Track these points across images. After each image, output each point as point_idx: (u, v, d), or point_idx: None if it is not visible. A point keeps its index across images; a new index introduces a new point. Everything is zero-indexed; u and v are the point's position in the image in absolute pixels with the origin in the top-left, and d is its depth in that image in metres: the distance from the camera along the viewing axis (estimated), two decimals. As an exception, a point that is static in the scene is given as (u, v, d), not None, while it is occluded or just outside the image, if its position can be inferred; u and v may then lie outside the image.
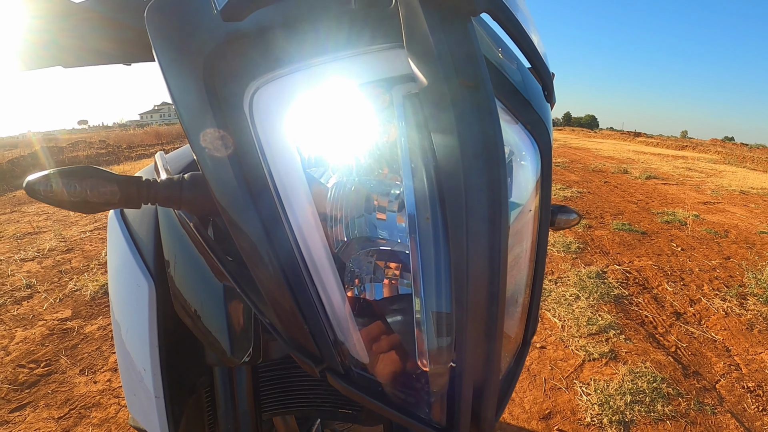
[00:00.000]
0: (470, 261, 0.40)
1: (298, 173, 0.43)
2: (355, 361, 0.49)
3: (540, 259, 0.57)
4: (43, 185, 0.43)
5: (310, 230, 0.44)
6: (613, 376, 2.22)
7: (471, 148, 0.38)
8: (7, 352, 2.45)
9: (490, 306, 0.42)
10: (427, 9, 0.39)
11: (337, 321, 0.47)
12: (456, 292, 0.41)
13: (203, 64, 0.42)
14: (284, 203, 0.43)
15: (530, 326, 0.59)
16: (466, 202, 0.38)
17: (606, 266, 3.68)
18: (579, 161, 10.46)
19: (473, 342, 0.42)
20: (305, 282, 0.45)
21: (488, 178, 0.39)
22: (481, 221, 0.39)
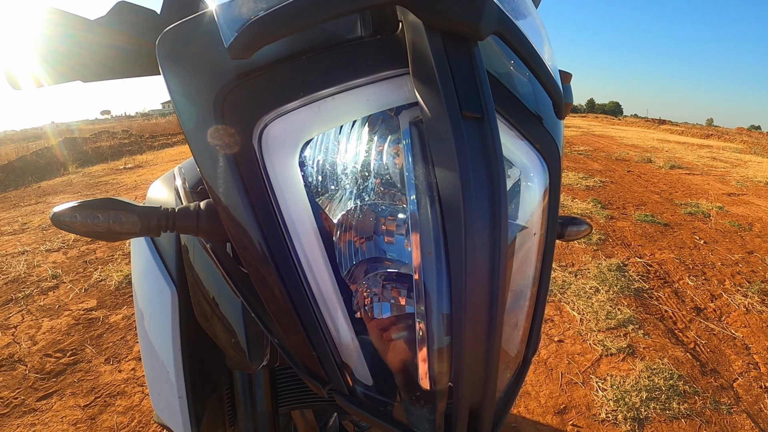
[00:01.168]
0: (468, 293, 0.41)
1: (304, 207, 0.44)
2: (359, 382, 0.51)
3: (544, 278, 0.57)
4: (68, 217, 0.45)
5: (316, 260, 0.45)
6: (630, 372, 2.21)
7: (473, 183, 0.39)
8: (34, 342, 2.52)
9: (488, 333, 0.43)
10: (431, 34, 0.39)
11: (341, 345, 0.49)
12: (455, 321, 0.42)
13: (213, 101, 0.43)
14: (291, 234, 0.44)
15: (531, 345, 0.59)
16: (465, 239, 0.39)
17: (627, 259, 3.64)
18: (602, 149, 10.29)
19: (470, 364, 0.44)
20: (311, 308, 0.46)
21: (490, 214, 0.39)
22: (481, 259, 0.40)
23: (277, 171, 0.43)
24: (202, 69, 0.45)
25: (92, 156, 9.70)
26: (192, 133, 0.45)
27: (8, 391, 2.12)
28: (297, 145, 0.44)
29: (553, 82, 0.48)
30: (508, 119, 0.49)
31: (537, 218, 0.54)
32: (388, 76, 0.44)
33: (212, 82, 0.43)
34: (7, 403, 2.05)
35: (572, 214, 4.78)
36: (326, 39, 0.45)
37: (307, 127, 0.44)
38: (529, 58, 0.45)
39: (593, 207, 5.08)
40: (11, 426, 1.91)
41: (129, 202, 0.48)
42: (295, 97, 0.43)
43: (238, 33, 0.37)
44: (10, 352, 2.42)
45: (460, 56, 0.40)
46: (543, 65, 0.46)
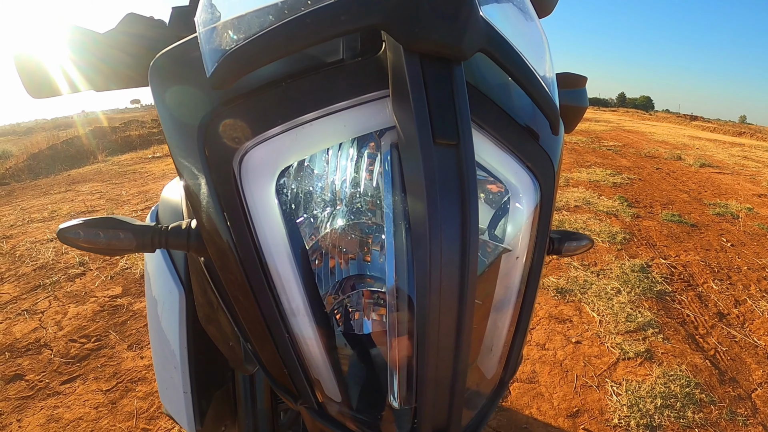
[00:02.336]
0: (430, 322, 0.41)
1: (278, 230, 0.45)
2: (329, 398, 0.52)
3: (528, 300, 0.56)
4: (72, 234, 0.48)
5: (288, 280, 0.47)
6: (647, 377, 2.17)
7: (441, 212, 0.39)
8: (60, 327, 2.60)
9: (454, 358, 0.44)
10: (409, 57, 0.39)
11: (312, 361, 0.50)
12: (419, 345, 0.43)
13: (197, 128, 0.44)
14: (265, 256, 0.45)
15: (510, 367, 0.59)
16: (430, 268, 0.40)
17: (651, 259, 3.58)
18: (631, 145, 10.08)
19: (434, 387, 0.45)
20: (282, 326, 0.48)
21: (460, 243, 0.40)
22: (448, 287, 0.41)
23: (255, 196, 0.44)
24: (188, 97, 0.46)
25: (121, 145, 9.90)
26: (177, 158, 0.47)
27: (34, 374, 2.20)
28: (274, 172, 0.44)
29: (547, 99, 0.47)
30: (497, 136, 0.49)
31: (522, 240, 0.53)
32: (368, 99, 0.44)
33: (197, 110, 0.45)
34: (32, 385, 2.12)
35: (598, 211, 4.72)
36: (307, 63, 0.45)
37: (284, 154, 0.44)
38: (521, 75, 0.44)
39: (619, 205, 4.99)
40: (35, 408, 1.99)
41: (126, 221, 0.50)
42: (275, 124, 0.43)
43: (218, 64, 0.38)
44: (36, 337, 2.50)
45: (438, 79, 0.39)
46: (536, 82, 0.45)
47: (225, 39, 0.40)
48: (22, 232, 4.33)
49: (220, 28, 0.41)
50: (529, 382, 2.14)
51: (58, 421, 1.91)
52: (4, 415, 1.95)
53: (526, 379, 2.16)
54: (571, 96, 0.76)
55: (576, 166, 7.25)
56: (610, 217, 4.60)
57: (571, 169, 6.99)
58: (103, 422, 1.90)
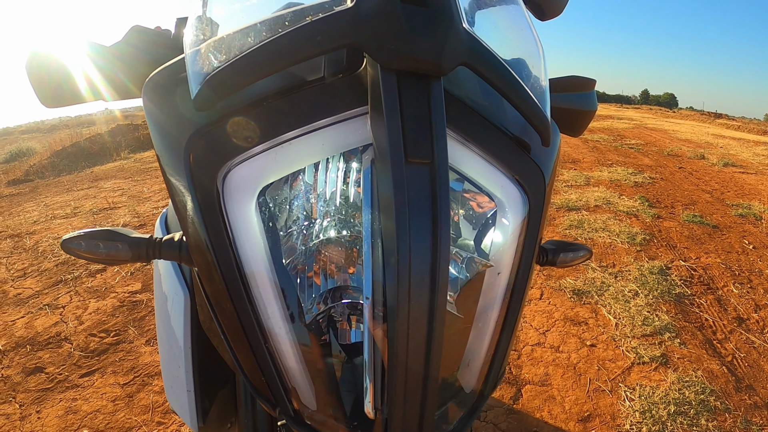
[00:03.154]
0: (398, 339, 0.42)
1: (258, 246, 0.47)
2: (305, 406, 0.54)
3: (511, 315, 0.56)
4: (74, 245, 0.51)
5: (267, 293, 0.48)
6: (661, 382, 2.14)
7: (411, 232, 0.39)
8: (80, 322, 2.66)
9: (425, 372, 0.45)
10: (385, 74, 0.39)
11: (288, 370, 0.52)
12: (389, 359, 0.44)
13: (184, 147, 0.45)
14: (245, 270, 0.47)
15: (490, 380, 0.59)
16: (398, 289, 0.40)
17: (671, 261, 3.51)
18: (654, 143, 9.89)
19: (403, 398, 0.46)
20: (260, 336, 0.50)
21: (430, 262, 0.40)
22: (417, 305, 0.41)
23: (236, 213, 0.45)
24: (176, 116, 0.48)
25: (144, 142, 10.02)
26: (165, 174, 0.48)
27: (54, 367, 2.26)
28: (255, 190, 0.45)
29: (535, 111, 0.46)
30: (483, 150, 0.49)
31: (506, 255, 0.53)
32: (348, 116, 0.45)
33: (184, 129, 0.46)
34: (52, 378, 2.18)
35: (618, 211, 4.65)
36: (290, 82, 0.46)
37: (265, 173, 0.45)
38: (506, 87, 0.43)
39: (640, 205, 4.91)
40: (54, 400, 2.04)
41: (124, 233, 0.53)
42: (256, 143, 0.44)
43: (200, 87, 0.39)
44: (57, 331, 2.57)
45: (415, 96, 0.40)
46: (522, 93, 0.45)
47: (207, 61, 0.41)
48: (45, 228, 4.43)
49: (203, 50, 0.43)
50: (541, 385, 2.12)
51: (76, 413, 1.95)
52: (25, 406, 2.01)
53: (538, 381, 2.14)
54: (579, 99, 0.75)
55: (597, 164, 7.15)
56: (631, 217, 4.53)
57: (593, 167, 6.89)
58: (120, 415, 1.94)
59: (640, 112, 26.34)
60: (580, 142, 9.65)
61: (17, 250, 3.83)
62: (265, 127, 0.45)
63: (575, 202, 4.94)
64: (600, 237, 3.95)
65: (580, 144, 9.31)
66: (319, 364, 0.54)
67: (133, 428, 1.87)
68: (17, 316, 2.75)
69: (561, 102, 0.73)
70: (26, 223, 4.59)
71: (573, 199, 5.02)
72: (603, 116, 17.46)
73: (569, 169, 6.72)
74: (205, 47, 0.43)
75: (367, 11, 0.36)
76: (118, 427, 1.88)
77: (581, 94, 0.75)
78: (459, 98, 0.49)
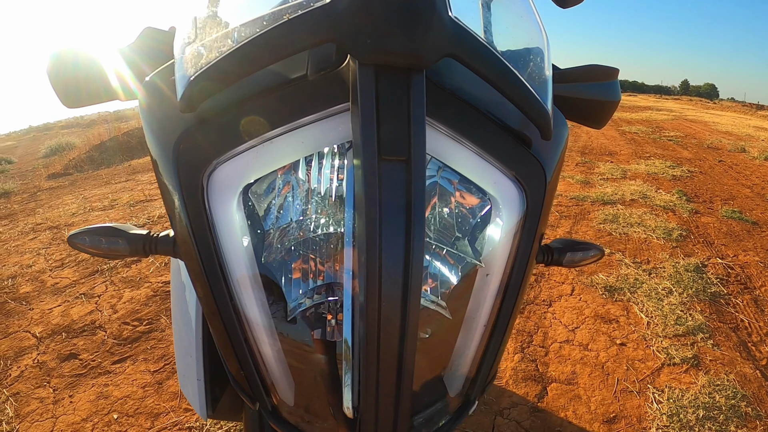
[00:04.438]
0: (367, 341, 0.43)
1: (239, 245, 0.48)
2: (283, 402, 0.55)
3: (502, 317, 0.55)
4: (79, 240, 0.54)
5: (246, 289, 0.49)
6: (691, 385, 2.07)
7: (383, 230, 0.39)
8: (114, 310, 2.74)
9: (398, 373, 0.44)
10: (363, 70, 0.38)
11: (268, 366, 0.53)
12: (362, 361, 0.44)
13: (172, 147, 0.46)
14: (228, 266, 0.48)
15: (477, 385, 0.58)
16: (367, 287, 0.40)
17: (707, 259, 3.39)
18: (693, 136, 9.56)
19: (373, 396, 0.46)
20: (239, 332, 0.51)
21: (404, 262, 0.39)
22: (389, 305, 0.41)
23: (220, 211, 0.46)
24: (166, 118, 0.49)
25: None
26: (157, 174, 0.50)
27: (87, 354, 2.34)
28: (237, 189, 0.46)
29: (532, 103, 0.44)
30: (477, 145, 0.47)
31: (500, 255, 0.52)
32: (330, 113, 0.45)
33: (172, 131, 0.47)
34: (85, 364, 2.26)
35: (654, 206, 4.52)
36: (273, 80, 0.46)
37: (246, 172, 0.46)
38: (498, 79, 0.41)
39: (677, 199, 4.76)
40: (86, 385, 2.11)
41: (123, 230, 0.55)
42: (239, 143, 0.45)
43: (184, 89, 0.39)
44: (92, 319, 2.66)
45: (393, 91, 0.38)
46: (517, 84, 0.42)
47: (191, 65, 0.42)
48: (83, 220, 4.58)
49: (188, 54, 0.43)
50: (567, 384, 2.08)
51: (107, 398, 2.02)
52: (58, 390, 2.09)
53: (564, 380, 2.11)
54: (602, 89, 0.71)
55: (635, 157, 6.97)
56: (667, 212, 4.40)
57: (630, 160, 6.72)
58: (149, 401, 1.99)
59: (679, 103, 25.49)
60: (618, 134, 9.42)
61: (56, 242, 3.98)
62: (247, 127, 0.45)
63: (611, 195, 4.82)
64: (635, 232, 3.84)
65: (618, 136, 9.08)
66: (300, 361, 0.55)
67: (161, 414, 1.92)
68: (54, 304, 2.86)
69: (582, 92, 0.70)
70: (65, 215, 4.76)
71: (608, 193, 4.90)
72: (641, 107, 16.97)
73: (605, 161, 6.57)
74: (190, 51, 0.44)
75: (344, 6, 0.35)
76: (147, 413, 1.93)
77: (603, 83, 0.71)
78: (450, 91, 0.47)
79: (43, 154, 9.95)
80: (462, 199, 0.53)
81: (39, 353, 2.37)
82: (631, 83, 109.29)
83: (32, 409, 1.98)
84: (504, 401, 1.96)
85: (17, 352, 2.38)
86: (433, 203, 0.53)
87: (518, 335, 2.41)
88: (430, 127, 0.46)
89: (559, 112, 0.60)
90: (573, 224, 4.05)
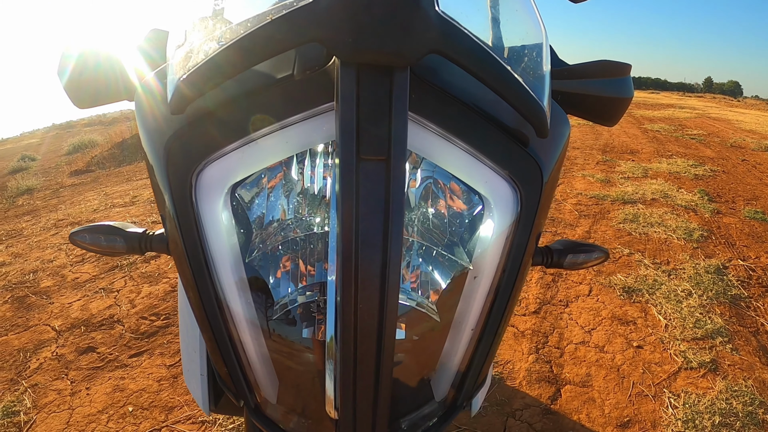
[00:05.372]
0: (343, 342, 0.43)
1: (226, 244, 0.49)
2: (266, 400, 0.56)
3: (492, 322, 0.54)
4: (80, 237, 0.56)
5: (231, 288, 0.50)
6: (708, 390, 2.03)
7: (362, 231, 0.39)
8: (133, 305, 2.79)
9: (376, 375, 0.44)
10: (344, 69, 0.38)
11: (252, 364, 0.53)
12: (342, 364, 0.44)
13: (163, 148, 0.47)
14: (215, 265, 0.49)
15: (465, 390, 0.57)
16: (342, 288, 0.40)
17: (728, 260, 3.32)
18: (717, 134, 9.36)
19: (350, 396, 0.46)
20: (224, 331, 0.51)
21: (381, 264, 0.39)
22: (366, 306, 0.41)
23: (207, 210, 0.47)
24: (158, 119, 0.50)
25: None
26: (150, 173, 0.51)
27: (105, 347, 2.38)
28: (224, 188, 0.47)
29: (524, 98, 0.42)
30: (467, 143, 0.46)
31: (487, 258, 0.51)
32: (315, 113, 0.45)
33: (163, 132, 0.48)
34: (102, 357, 2.30)
35: (676, 205, 4.44)
36: (260, 81, 0.46)
37: (233, 171, 0.46)
38: (487, 74, 0.40)
39: (699, 199, 4.67)
40: (103, 378, 2.15)
41: (121, 228, 0.58)
42: (226, 143, 0.45)
43: (171, 93, 0.40)
44: (111, 313, 2.70)
45: (375, 90, 0.38)
46: (508, 79, 0.41)
47: (180, 67, 0.42)
48: (104, 216, 4.66)
49: (178, 56, 0.44)
50: (582, 386, 2.06)
51: (123, 391, 2.06)
52: (76, 382, 2.13)
53: (579, 382, 2.08)
54: (613, 86, 0.69)
55: (656, 155, 6.85)
56: (689, 212, 4.32)
57: (651, 159, 6.61)
58: (164, 394, 2.03)
59: (702, 100, 24.96)
60: (640, 132, 9.27)
61: (78, 236, 4.05)
62: (234, 127, 0.45)
63: (631, 195, 4.76)
64: (655, 232, 3.78)
65: (640, 134, 8.94)
66: (284, 360, 0.55)
67: (175, 408, 1.95)
68: (74, 298, 2.92)
69: (593, 89, 0.68)
70: (87, 212, 4.85)
71: (629, 192, 4.84)
72: (664, 105, 16.67)
73: (627, 160, 6.48)
74: (181, 54, 0.44)
75: (325, 5, 0.35)
76: (161, 406, 1.96)
77: (615, 79, 0.69)
78: (441, 87, 0.46)
79: (66, 151, 10.13)
80: (451, 201, 0.52)
81: (58, 346, 2.42)
82: (653, 80, 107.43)
83: (50, 401, 2.03)
84: (516, 402, 1.94)
85: (37, 345, 2.44)
86: (421, 203, 0.52)
87: (533, 336, 2.39)
88: (418, 125, 0.45)
89: (560, 109, 0.59)
90: (592, 223, 4.00)
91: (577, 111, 0.68)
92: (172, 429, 1.85)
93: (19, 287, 3.12)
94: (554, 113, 0.54)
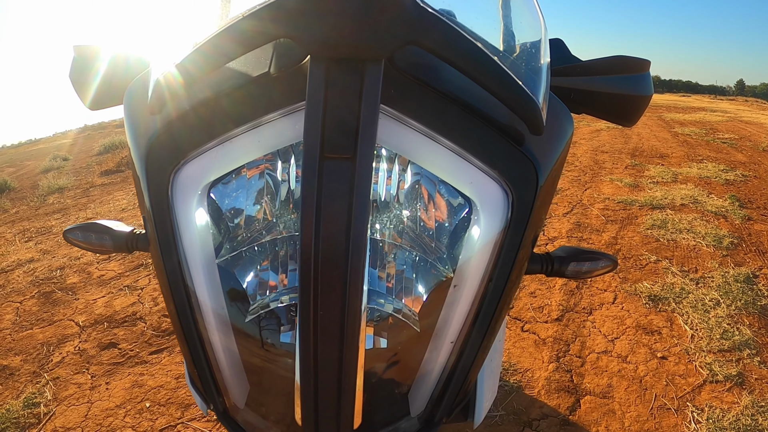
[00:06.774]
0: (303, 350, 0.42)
1: (200, 244, 0.49)
2: (234, 405, 0.55)
3: (475, 334, 0.51)
4: (72, 235, 0.58)
5: (202, 291, 0.50)
6: (733, 405, 1.96)
7: (322, 231, 0.37)
8: (155, 303, 2.83)
9: (338, 387, 0.43)
10: (314, 64, 0.36)
11: (222, 368, 0.53)
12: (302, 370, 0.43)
13: (145, 148, 0.47)
14: (188, 265, 0.49)
15: (444, 406, 0.54)
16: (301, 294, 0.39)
17: (759, 269, 3.21)
18: (749, 138, 9.07)
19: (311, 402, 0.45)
20: (194, 333, 0.51)
21: (345, 265, 0.38)
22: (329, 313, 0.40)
23: (182, 209, 0.47)
24: (141, 121, 0.50)
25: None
26: (133, 173, 0.51)
27: (126, 343, 2.42)
28: (198, 187, 0.47)
29: (515, 92, 0.40)
30: (452, 140, 0.44)
31: (470, 265, 0.48)
32: (289, 111, 0.44)
33: (145, 133, 0.48)
34: (123, 353, 2.34)
35: (705, 211, 4.32)
36: (237, 79, 0.46)
37: (208, 170, 0.46)
38: (470, 66, 0.37)
39: (730, 205, 4.52)
40: (123, 373, 2.20)
41: (110, 227, 0.59)
42: (201, 143, 0.46)
43: (150, 93, 0.40)
44: (134, 311, 2.75)
45: (344, 86, 0.36)
46: (496, 72, 0.38)
47: (159, 69, 0.42)
48: (132, 215, 4.76)
49: (159, 58, 0.44)
50: (602, 397, 2.01)
51: (141, 387, 2.10)
52: (96, 377, 2.18)
53: (600, 393, 2.03)
54: (631, 83, 0.65)
55: (686, 160, 6.68)
56: (719, 218, 4.19)
57: (681, 163, 6.45)
58: (181, 392, 2.05)
59: (734, 104, 24.23)
60: (670, 135, 9.05)
61: (105, 234, 4.14)
62: (209, 127, 0.45)
63: (660, 200, 4.64)
64: (684, 239, 3.68)
65: (670, 138, 8.73)
66: (254, 365, 0.55)
67: (191, 405, 1.97)
68: (99, 295, 2.98)
69: (608, 86, 0.64)
70: (115, 211, 4.96)
71: (658, 197, 4.72)
72: (695, 108, 16.25)
73: (656, 164, 6.33)
74: (161, 55, 0.45)
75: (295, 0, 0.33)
76: (178, 403, 1.99)
77: (633, 76, 0.65)
78: (424, 82, 0.44)
79: (97, 151, 10.35)
80: (436, 203, 0.50)
81: (80, 341, 2.47)
82: (684, 83, 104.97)
83: (70, 394, 2.07)
84: (534, 412, 1.91)
85: (60, 339, 2.50)
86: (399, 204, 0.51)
87: (555, 343, 2.35)
88: (397, 121, 0.44)
89: (562, 106, 0.56)
90: (619, 229, 3.91)
91: (591, 110, 0.65)
92: (187, 426, 1.87)
93: (46, 283, 3.21)
94: (555, 110, 0.51)
